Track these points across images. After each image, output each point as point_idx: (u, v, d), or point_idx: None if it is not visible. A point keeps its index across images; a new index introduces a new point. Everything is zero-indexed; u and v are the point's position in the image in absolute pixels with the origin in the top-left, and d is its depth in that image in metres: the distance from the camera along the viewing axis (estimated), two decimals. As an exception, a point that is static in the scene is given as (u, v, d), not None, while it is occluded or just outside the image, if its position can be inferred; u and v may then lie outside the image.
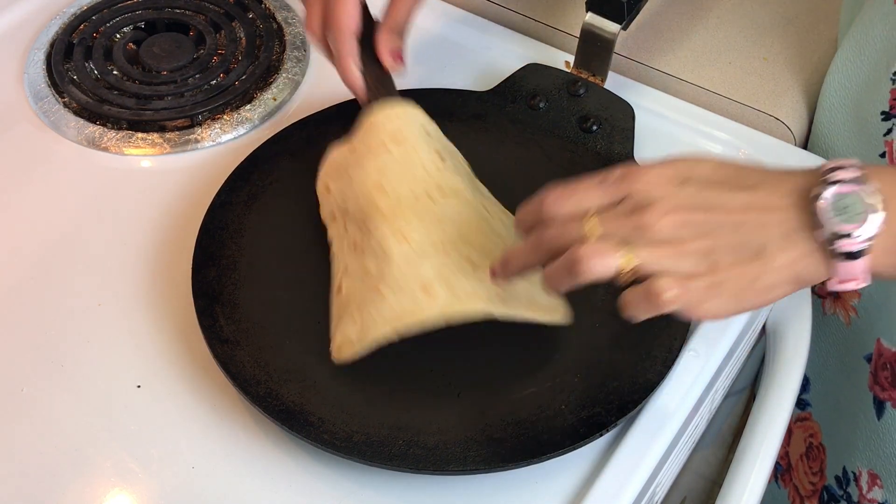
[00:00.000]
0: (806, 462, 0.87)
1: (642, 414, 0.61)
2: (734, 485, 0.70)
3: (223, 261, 0.66)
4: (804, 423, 0.88)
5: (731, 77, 0.81)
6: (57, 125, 0.78)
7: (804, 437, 0.88)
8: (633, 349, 0.62)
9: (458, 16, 0.88)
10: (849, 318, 0.80)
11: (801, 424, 0.88)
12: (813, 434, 0.86)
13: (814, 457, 0.86)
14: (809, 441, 0.87)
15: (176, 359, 0.64)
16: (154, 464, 0.60)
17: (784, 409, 0.75)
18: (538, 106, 0.76)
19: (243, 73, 0.82)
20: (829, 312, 0.82)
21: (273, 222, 0.69)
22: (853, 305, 0.79)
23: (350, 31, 0.69)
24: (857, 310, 0.78)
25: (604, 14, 0.74)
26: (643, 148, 0.75)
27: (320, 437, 0.58)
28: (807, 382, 0.86)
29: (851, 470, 0.80)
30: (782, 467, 0.92)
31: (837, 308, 0.81)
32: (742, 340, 0.69)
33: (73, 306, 0.67)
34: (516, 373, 0.61)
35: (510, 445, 0.58)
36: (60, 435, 0.61)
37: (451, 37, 0.86)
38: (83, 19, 0.86)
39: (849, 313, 0.79)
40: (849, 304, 0.79)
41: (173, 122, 0.78)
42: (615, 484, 0.58)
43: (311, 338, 0.63)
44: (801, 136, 0.79)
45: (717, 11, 0.87)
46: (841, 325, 0.81)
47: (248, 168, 0.72)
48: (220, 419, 0.62)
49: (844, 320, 0.80)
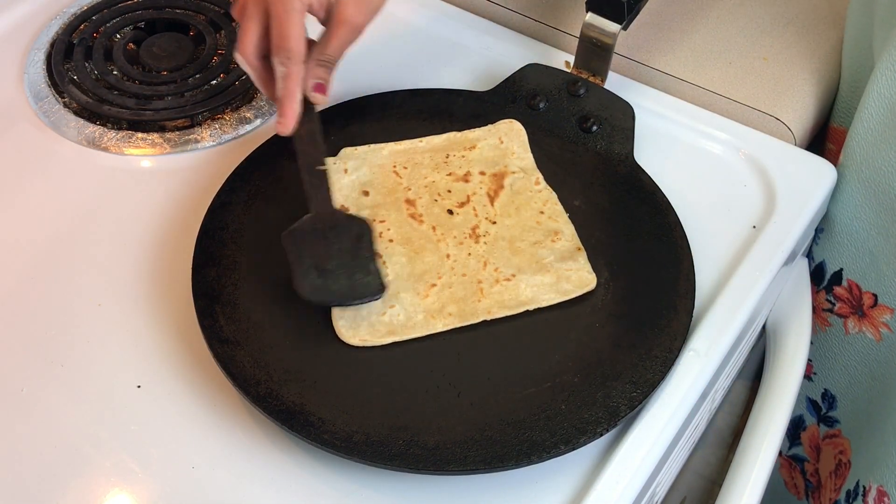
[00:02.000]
0: (833, 479, 0.86)
1: (642, 414, 0.61)
2: (734, 485, 0.70)
3: (223, 261, 0.66)
4: (833, 440, 0.87)
5: (731, 77, 0.81)
6: (57, 125, 0.78)
7: (834, 455, 0.87)
8: (633, 349, 0.62)
9: (458, 16, 0.88)
10: (879, 335, 0.79)
11: (830, 441, 0.87)
12: (843, 451, 0.86)
13: (840, 474, 0.85)
14: (839, 458, 0.86)
15: (176, 359, 0.64)
16: (154, 464, 0.60)
17: (784, 409, 0.75)
18: (538, 106, 0.76)
19: (243, 73, 0.82)
20: (852, 332, 0.81)
21: (273, 222, 0.69)
22: (884, 321, 0.78)
23: (302, 56, 0.64)
24: (891, 325, 0.78)
25: (604, 14, 0.74)
26: (643, 148, 0.75)
27: (320, 437, 0.58)
28: (833, 399, 0.86)
29: (863, 484, 0.79)
30: (812, 484, 0.91)
31: (864, 326, 0.80)
32: (742, 340, 0.69)
33: (72, 306, 0.67)
34: (516, 373, 0.62)
35: (510, 446, 0.58)
36: (60, 435, 0.61)
37: (451, 37, 0.86)
38: (83, 19, 0.86)
39: (879, 329, 0.79)
40: (878, 320, 0.79)
41: (173, 122, 0.78)
42: (615, 484, 0.58)
43: (311, 338, 0.63)
44: (800, 135, 0.79)
45: (717, 11, 0.87)
46: (870, 342, 0.80)
47: (248, 168, 0.72)
48: (220, 419, 0.62)
49: (874, 337, 0.80)
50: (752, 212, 0.73)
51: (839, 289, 0.81)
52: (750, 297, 0.67)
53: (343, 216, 0.67)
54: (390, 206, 0.69)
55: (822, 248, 0.82)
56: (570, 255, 0.66)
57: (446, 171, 0.71)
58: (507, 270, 0.66)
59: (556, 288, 0.65)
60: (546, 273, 0.65)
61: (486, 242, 0.67)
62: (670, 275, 0.66)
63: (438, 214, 0.69)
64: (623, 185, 0.72)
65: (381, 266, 0.65)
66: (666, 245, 0.68)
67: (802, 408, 0.90)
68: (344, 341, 0.62)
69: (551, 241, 0.67)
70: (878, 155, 0.73)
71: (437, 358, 0.62)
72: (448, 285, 0.65)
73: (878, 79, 0.72)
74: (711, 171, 0.76)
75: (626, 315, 0.64)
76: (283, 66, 0.64)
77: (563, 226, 0.68)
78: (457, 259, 0.66)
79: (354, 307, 0.63)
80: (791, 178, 0.75)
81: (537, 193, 0.70)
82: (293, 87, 0.65)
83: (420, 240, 0.67)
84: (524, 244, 0.67)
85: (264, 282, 0.65)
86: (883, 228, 0.75)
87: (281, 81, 0.65)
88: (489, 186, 0.71)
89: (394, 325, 0.63)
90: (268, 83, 0.67)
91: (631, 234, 0.69)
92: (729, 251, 0.70)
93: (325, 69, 0.66)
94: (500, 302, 0.64)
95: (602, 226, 0.69)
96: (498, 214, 0.69)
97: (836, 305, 0.82)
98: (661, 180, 0.72)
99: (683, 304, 0.65)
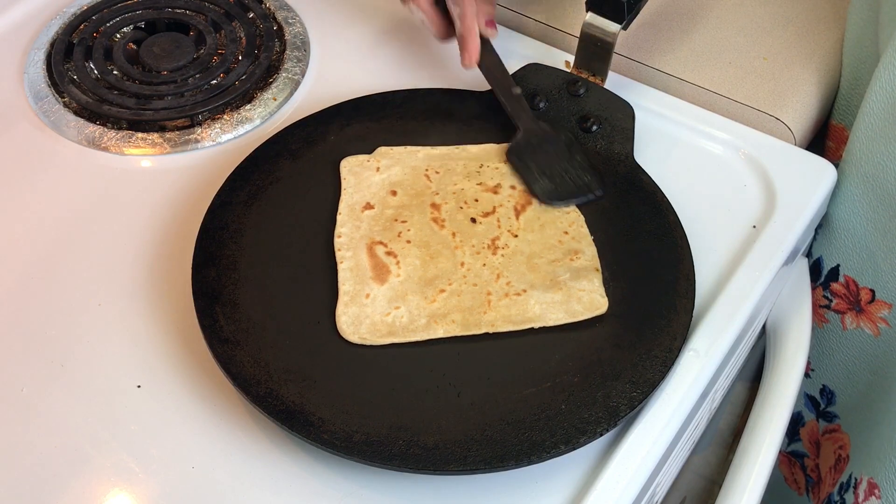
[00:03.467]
0: (832, 474, 0.86)
1: (642, 414, 0.61)
2: (734, 485, 0.70)
3: (223, 261, 0.66)
4: (833, 436, 0.87)
5: (731, 77, 0.81)
6: (57, 125, 0.78)
7: (833, 450, 0.87)
8: (633, 349, 0.62)
9: (458, 16, 0.88)
10: (878, 330, 0.79)
11: (830, 437, 0.87)
12: (842, 446, 0.85)
13: (839, 468, 0.85)
14: (839, 453, 0.86)
15: (176, 359, 0.64)
16: (154, 464, 0.60)
17: (784, 409, 0.75)
18: (538, 106, 0.76)
19: (243, 73, 0.82)
20: (850, 327, 0.81)
21: (273, 222, 0.69)
22: (882, 317, 0.78)
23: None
24: (889, 320, 0.78)
25: (604, 14, 0.74)
26: (643, 148, 0.75)
27: (320, 437, 0.58)
28: (832, 395, 0.86)
29: (855, 476, 0.79)
30: (812, 480, 0.91)
31: (862, 321, 0.80)
32: (742, 340, 0.69)
33: (72, 306, 0.67)
34: (516, 373, 0.61)
35: (510, 445, 0.58)
36: (60, 435, 0.61)
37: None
38: (83, 19, 0.86)
39: (877, 325, 0.79)
40: (876, 316, 0.78)
41: (173, 122, 0.78)
42: (615, 484, 0.58)
43: (311, 338, 0.63)
44: (801, 135, 0.79)
45: (717, 11, 0.87)
46: (868, 337, 0.80)
47: (248, 168, 0.72)
48: (220, 419, 0.62)
49: (872, 332, 0.80)
50: (752, 212, 0.73)
51: (836, 285, 0.81)
52: (750, 297, 0.67)
53: (549, 128, 0.74)
54: (414, 208, 0.69)
55: (820, 244, 0.82)
56: (586, 275, 0.65)
57: (477, 180, 0.71)
58: (519, 285, 0.65)
59: (565, 307, 0.64)
60: (558, 291, 0.65)
61: (504, 255, 0.67)
62: (670, 275, 0.66)
63: (461, 222, 0.69)
64: (623, 185, 0.72)
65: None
66: (666, 245, 0.68)
67: (801, 404, 0.90)
68: (345, 340, 0.62)
69: (570, 259, 0.67)
70: (876, 150, 0.73)
71: (438, 358, 0.62)
72: (457, 293, 0.65)
73: (881, 74, 0.72)
74: (711, 171, 0.76)
75: (626, 315, 0.64)
76: (458, 7, 0.74)
77: (585, 247, 0.68)
78: (471, 268, 0.66)
79: (358, 305, 0.63)
80: (791, 178, 0.75)
81: (565, 214, 0.69)
82: (471, 24, 0.74)
83: (437, 244, 0.67)
84: (542, 261, 0.66)
85: (264, 282, 0.66)
86: (880, 224, 0.75)
87: (458, 20, 0.74)
88: (517, 200, 0.70)
89: (395, 327, 0.63)
90: (440, 26, 0.76)
91: (631, 234, 0.69)
92: (729, 251, 0.70)
93: (490, 4, 0.76)
94: (505, 316, 0.64)
95: (602, 226, 0.69)
96: (521, 229, 0.68)
97: (834, 302, 0.82)
98: (661, 180, 0.72)
99: (683, 304, 0.64)
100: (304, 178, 0.72)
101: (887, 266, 0.76)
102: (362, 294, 0.64)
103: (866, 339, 0.80)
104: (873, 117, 0.73)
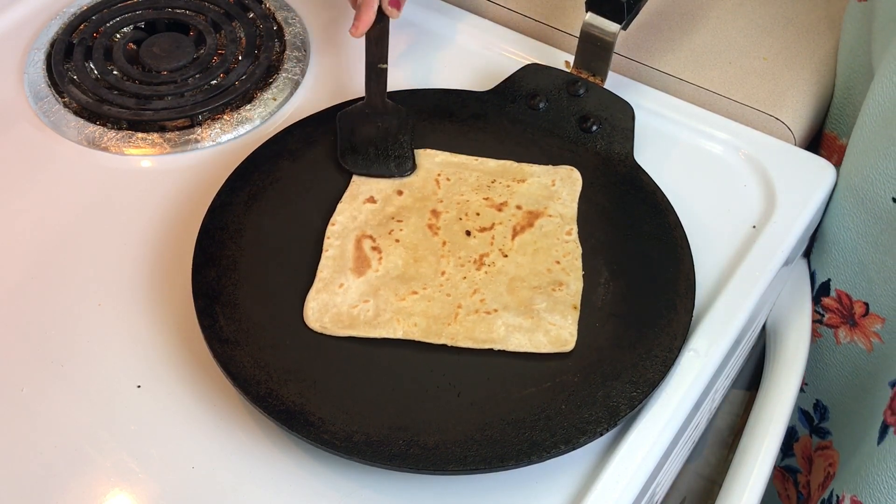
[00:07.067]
0: (819, 491, 0.85)
1: (642, 414, 0.61)
2: (734, 485, 0.70)
3: (223, 261, 0.66)
4: (825, 452, 0.86)
5: (731, 77, 0.81)
6: (57, 125, 0.78)
7: (824, 467, 0.86)
8: (633, 349, 0.62)
9: (458, 16, 0.88)
10: (870, 345, 0.79)
11: (822, 453, 0.87)
12: (831, 463, 0.85)
13: (825, 485, 0.84)
14: (828, 470, 0.85)
15: (176, 359, 0.64)
16: (154, 464, 0.60)
17: (784, 409, 0.74)
18: (538, 106, 0.76)
19: (243, 73, 0.82)
20: (843, 341, 0.81)
21: (273, 222, 0.69)
22: (875, 331, 0.78)
23: None
24: (881, 335, 0.78)
25: (604, 14, 0.74)
26: (643, 148, 0.75)
27: (320, 437, 0.58)
28: (825, 410, 0.85)
29: (837, 493, 0.77)
30: (803, 496, 0.90)
31: (855, 335, 0.80)
32: (742, 340, 0.69)
33: (72, 306, 0.67)
34: (516, 373, 0.61)
35: (510, 445, 0.58)
36: (60, 435, 0.61)
37: (451, 37, 0.86)
38: (83, 19, 0.86)
39: (870, 339, 0.78)
40: (869, 330, 0.78)
41: (173, 122, 0.78)
42: (615, 484, 0.58)
43: (312, 338, 0.63)
44: (801, 135, 0.79)
45: (717, 11, 0.87)
46: (861, 352, 0.80)
47: (248, 168, 0.72)
48: (220, 419, 0.62)
49: (865, 347, 0.79)
50: (752, 212, 0.73)
51: (827, 299, 0.80)
52: (750, 297, 0.67)
53: (392, 106, 0.75)
54: (415, 211, 0.69)
55: (812, 258, 0.81)
56: (562, 310, 0.64)
57: (485, 194, 0.71)
58: (492, 304, 0.64)
59: (529, 336, 0.63)
60: (529, 318, 0.63)
61: (488, 273, 0.66)
62: (670, 275, 0.66)
63: (456, 232, 0.68)
64: (623, 185, 0.72)
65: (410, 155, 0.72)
66: (666, 245, 0.68)
67: (795, 419, 0.89)
68: (345, 340, 0.62)
69: (552, 289, 0.65)
70: (867, 163, 0.73)
71: (437, 358, 0.62)
72: (428, 298, 0.64)
73: (875, 88, 0.72)
74: (711, 171, 0.76)
75: (626, 315, 0.64)
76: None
77: (572, 280, 0.66)
78: (450, 278, 0.66)
79: (330, 293, 0.64)
80: (791, 178, 0.75)
81: (563, 244, 0.68)
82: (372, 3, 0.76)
83: (425, 250, 0.67)
84: (523, 285, 0.65)
85: (264, 282, 0.66)
86: (872, 237, 0.75)
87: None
88: (518, 221, 0.69)
89: (358, 321, 0.63)
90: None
91: (631, 234, 0.69)
92: (729, 251, 0.70)
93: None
94: (468, 332, 0.63)
95: (602, 226, 0.69)
96: (513, 250, 0.68)
97: (826, 316, 0.81)
98: (661, 180, 0.72)
99: (683, 303, 0.64)
100: (303, 178, 0.72)
101: (880, 279, 0.75)
102: (336, 283, 0.65)
103: (859, 353, 0.80)
104: (866, 130, 0.73)
